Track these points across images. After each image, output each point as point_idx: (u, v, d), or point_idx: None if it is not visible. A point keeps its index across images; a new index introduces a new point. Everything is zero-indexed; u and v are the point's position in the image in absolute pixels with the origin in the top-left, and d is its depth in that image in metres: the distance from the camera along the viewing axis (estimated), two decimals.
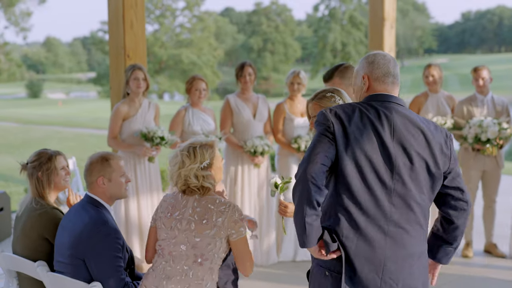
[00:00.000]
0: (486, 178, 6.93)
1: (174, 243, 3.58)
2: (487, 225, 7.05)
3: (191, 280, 3.54)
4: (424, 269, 3.13)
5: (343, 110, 3.06)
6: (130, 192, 6.02)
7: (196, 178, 3.58)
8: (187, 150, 3.60)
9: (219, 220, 3.52)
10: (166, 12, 60.01)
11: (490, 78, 6.89)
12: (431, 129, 3.09)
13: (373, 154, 2.98)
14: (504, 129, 6.50)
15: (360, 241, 2.97)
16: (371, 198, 2.97)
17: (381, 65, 3.15)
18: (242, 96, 6.67)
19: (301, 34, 77.95)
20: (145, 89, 6.10)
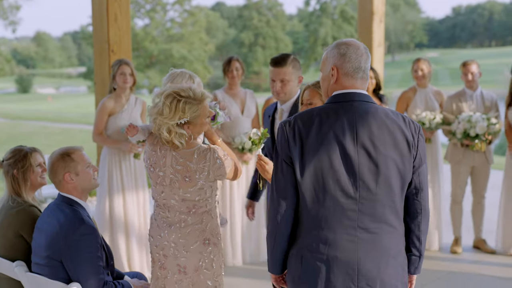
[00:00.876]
0: (475, 174, 6.88)
1: (164, 197, 3.55)
2: (476, 221, 7.00)
3: (190, 225, 3.52)
4: (402, 269, 3.03)
5: (302, 122, 2.94)
6: (115, 188, 5.93)
7: (168, 132, 3.43)
8: (170, 100, 3.41)
9: (202, 175, 3.46)
10: (157, 7, 59.72)
11: (479, 72, 6.83)
12: (399, 125, 2.95)
13: (335, 164, 2.87)
14: (493, 124, 6.45)
15: (331, 252, 2.90)
16: (335, 210, 2.88)
17: (353, 59, 2.97)
18: (229, 91, 6.59)
19: (292, 29, 77.77)
20: (132, 85, 6.00)
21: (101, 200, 5.96)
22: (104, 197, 5.95)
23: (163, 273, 3.62)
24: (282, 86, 4.31)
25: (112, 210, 5.94)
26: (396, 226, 2.98)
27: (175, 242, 3.54)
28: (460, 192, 6.92)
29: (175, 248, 3.54)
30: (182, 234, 3.53)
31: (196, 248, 3.54)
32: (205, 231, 3.56)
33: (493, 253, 6.83)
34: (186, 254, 3.54)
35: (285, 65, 4.31)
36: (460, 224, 6.98)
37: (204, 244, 3.55)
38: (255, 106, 6.71)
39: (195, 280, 3.53)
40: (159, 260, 3.65)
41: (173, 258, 3.55)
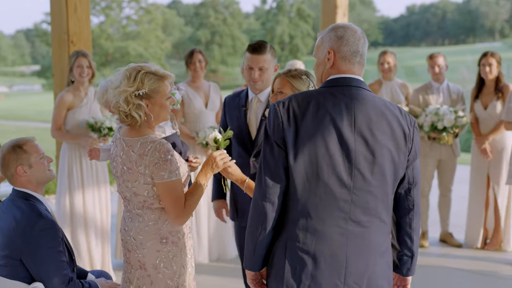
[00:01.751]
0: (442, 167, 6.85)
1: (121, 190, 3.34)
2: (442, 214, 6.97)
3: (146, 222, 3.30)
4: (389, 267, 2.87)
5: (297, 104, 2.77)
6: (76, 185, 5.71)
7: (126, 103, 3.18)
8: (130, 71, 3.21)
9: (140, 168, 3.19)
10: (112, 4, 59.05)
11: (446, 65, 6.80)
12: (397, 116, 2.80)
13: (330, 150, 2.71)
14: (460, 117, 6.42)
15: (319, 246, 2.73)
16: (327, 199, 2.72)
17: (351, 43, 2.83)
18: (193, 84, 6.40)
19: (249, 27, 77.74)
20: (91, 77, 5.78)
21: (61, 196, 5.73)
22: (64, 194, 5.72)
23: (128, 267, 3.45)
24: (260, 74, 4.14)
25: (73, 207, 5.71)
26: (387, 221, 2.83)
27: (135, 237, 3.35)
28: (426, 185, 6.88)
29: (134, 244, 3.35)
30: (140, 229, 3.32)
31: (153, 246, 3.31)
32: (162, 230, 3.31)
33: (460, 246, 6.81)
34: (144, 251, 3.33)
35: (265, 52, 4.12)
36: (426, 218, 6.94)
37: (161, 243, 3.32)
38: (219, 100, 6.54)
39: (155, 278, 3.35)
40: (124, 254, 3.47)
41: (134, 253, 3.36)
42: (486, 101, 6.53)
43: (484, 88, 6.55)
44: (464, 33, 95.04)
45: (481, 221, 6.71)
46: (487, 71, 6.40)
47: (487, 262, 6.33)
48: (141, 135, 3.24)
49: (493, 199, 6.64)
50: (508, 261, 6.33)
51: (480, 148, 6.50)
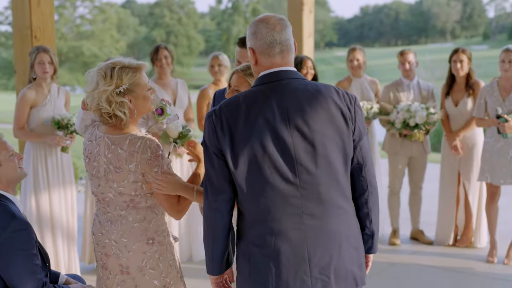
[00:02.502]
0: (413, 164, 6.82)
1: (101, 191, 3.18)
2: (413, 212, 6.94)
3: (131, 223, 3.15)
4: (357, 251, 2.81)
5: (229, 110, 2.71)
6: (41, 185, 5.48)
7: (108, 103, 3.03)
8: (104, 70, 3.04)
9: (131, 166, 3.06)
10: (66, 3, 58.05)
11: (416, 62, 6.77)
12: (333, 98, 2.73)
13: (269, 151, 2.65)
14: (432, 114, 6.40)
15: (278, 245, 2.68)
16: (276, 199, 2.67)
17: (264, 35, 2.73)
18: (159, 81, 6.22)
19: (204, 27, 77.42)
20: (53, 73, 5.55)
21: (27, 197, 5.49)
22: (29, 195, 5.48)
23: (105, 273, 3.28)
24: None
25: (38, 208, 5.47)
26: (345, 206, 2.77)
27: (116, 240, 3.18)
28: (397, 183, 6.84)
29: (116, 247, 3.19)
30: (123, 232, 3.17)
31: (139, 248, 3.15)
32: (148, 230, 3.17)
33: (431, 243, 6.79)
34: (128, 254, 3.17)
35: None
36: (398, 215, 6.90)
37: (148, 244, 3.17)
38: (187, 97, 6.38)
39: (140, 280, 3.19)
40: (101, 259, 3.29)
41: (115, 257, 3.20)
42: (457, 98, 6.52)
43: (454, 85, 6.54)
44: (416, 34, 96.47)
45: (452, 218, 6.70)
46: (458, 68, 6.39)
47: (459, 259, 6.32)
48: (127, 132, 3.11)
49: (464, 196, 6.64)
50: (479, 258, 6.33)
51: (451, 145, 6.49)
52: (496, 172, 6.05)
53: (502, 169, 6.02)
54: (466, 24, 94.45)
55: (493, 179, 6.08)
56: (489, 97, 6.09)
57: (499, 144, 6.03)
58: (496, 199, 6.21)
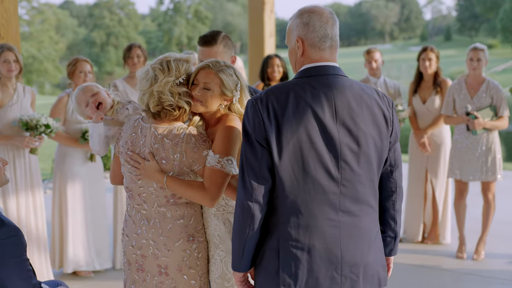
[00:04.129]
0: None
1: (141, 184, 3.13)
2: None
3: (170, 220, 3.11)
4: (381, 252, 2.82)
5: (276, 98, 2.64)
6: (9, 189, 5.25)
7: (171, 94, 3.06)
8: (159, 64, 3.08)
9: (176, 156, 3.06)
10: None
11: (382, 60, 6.82)
12: (376, 99, 2.74)
13: (315, 143, 2.61)
14: (401, 111, 6.44)
15: (312, 241, 2.64)
16: (316, 193, 2.63)
17: (317, 28, 2.70)
18: (131, 81, 6.05)
19: (145, 28, 76.65)
20: (18, 73, 5.35)
21: None
22: None
23: (141, 276, 3.19)
24: None
25: (6, 212, 5.23)
26: (374, 206, 2.79)
27: (155, 240, 3.12)
28: None
29: (155, 247, 3.12)
30: (162, 230, 3.11)
31: (180, 246, 3.12)
32: (188, 227, 3.15)
33: (400, 241, 6.84)
34: (168, 253, 3.11)
35: (215, 43, 3.72)
36: None
37: (189, 241, 3.14)
38: None
39: (178, 281, 3.14)
40: (136, 261, 3.19)
41: (153, 258, 3.14)
42: (424, 96, 6.59)
43: (422, 83, 6.61)
44: (356, 35, 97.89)
45: (420, 215, 6.76)
46: (427, 66, 6.46)
47: (429, 256, 6.38)
48: (172, 122, 3.12)
49: (431, 193, 6.71)
50: (449, 254, 6.40)
51: (419, 142, 6.55)
52: (465, 168, 6.14)
53: (471, 165, 6.11)
54: (404, 26, 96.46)
55: (462, 176, 6.17)
56: (457, 95, 6.18)
57: (468, 141, 6.12)
58: (464, 195, 6.30)
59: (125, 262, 3.28)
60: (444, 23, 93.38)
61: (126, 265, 3.27)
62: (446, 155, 6.52)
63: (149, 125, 3.14)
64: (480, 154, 6.08)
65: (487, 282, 5.69)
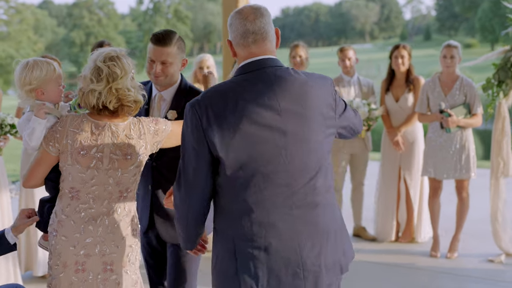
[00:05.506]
0: (355, 161, 6.79)
1: (93, 184, 3.05)
2: (355, 208, 6.92)
3: (119, 216, 3.12)
4: (340, 239, 2.75)
5: (214, 98, 2.63)
6: None
7: (129, 90, 3.05)
8: (110, 60, 3.02)
9: (141, 149, 3.10)
10: None
11: (356, 58, 6.76)
12: (318, 83, 2.71)
13: (260, 138, 2.58)
14: (374, 109, 6.39)
15: (268, 238, 2.60)
16: (267, 189, 2.59)
17: (238, 26, 2.69)
18: None
19: (125, 28, 76.28)
20: None
21: None
22: None
23: (81, 277, 3.09)
24: (163, 69, 3.59)
25: None
26: (327, 196, 2.72)
27: (103, 236, 3.07)
28: (339, 180, 6.80)
29: (102, 244, 3.07)
30: (111, 227, 3.08)
31: (126, 241, 3.13)
32: (133, 221, 3.18)
33: (374, 240, 6.79)
34: (117, 249, 3.09)
35: (170, 44, 3.57)
36: None
37: (133, 236, 3.16)
38: None
39: (122, 276, 3.11)
40: (76, 262, 3.09)
41: (99, 256, 3.08)
42: (397, 94, 6.53)
43: (394, 81, 6.56)
44: (336, 35, 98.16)
45: (393, 214, 6.71)
46: (400, 63, 6.41)
47: (402, 255, 6.34)
48: (127, 119, 3.13)
49: (405, 192, 6.66)
50: (422, 253, 6.36)
51: (392, 140, 6.50)
52: (439, 166, 6.10)
53: (445, 163, 6.07)
54: (384, 26, 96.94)
55: (436, 174, 6.13)
56: (431, 92, 6.13)
57: (442, 138, 6.08)
58: (439, 193, 6.26)
59: (57, 265, 3.12)
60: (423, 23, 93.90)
61: (59, 267, 3.11)
62: (420, 153, 6.47)
63: (105, 123, 3.06)
64: (454, 152, 6.04)
65: (461, 280, 5.65)
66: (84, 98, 3.04)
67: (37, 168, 3.13)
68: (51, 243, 3.14)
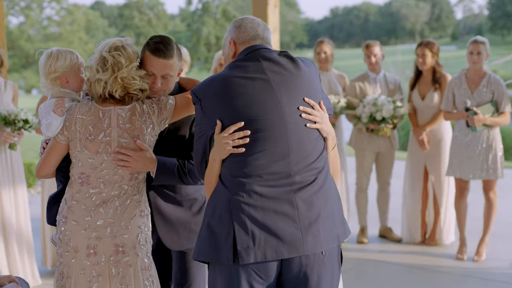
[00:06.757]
0: (381, 160, 6.64)
1: (103, 168, 3.12)
2: (381, 209, 6.77)
3: (129, 196, 3.17)
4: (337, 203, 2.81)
5: (213, 85, 2.75)
6: None
7: (134, 79, 3.09)
8: (115, 50, 3.07)
9: (148, 130, 3.13)
10: (32, 4, 57.14)
11: (382, 55, 6.61)
12: (310, 68, 2.85)
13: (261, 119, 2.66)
14: (399, 107, 6.23)
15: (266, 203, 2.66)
16: (264, 158, 2.67)
17: (249, 29, 2.85)
18: None
19: (174, 28, 76.97)
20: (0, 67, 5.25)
21: None
22: None
23: (93, 260, 3.12)
24: (164, 83, 3.21)
25: None
26: (319, 166, 2.78)
27: (114, 218, 3.12)
28: (365, 179, 6.67)
29: (113, 226, 3.11)
30: (121, 208, 3.13)
31: (135, 222, 3.16)
32: (141, 202, 3.21)
33: (400, 241, 6.63)
34: (127, 230, 3.13)
35: (172, 55, 3.18)
36: (365, 213, 6.73)
37: (141, 216, 3.20)
38: None
39: (133, 259, 3.15)
40: (88, 246, 3.13)
41: (111, 238, 3.12)
42: (423, 91, 6.36)
43: (421, 78, 6.39)
44: (386, 35, 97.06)
45: (419, 215, 6.53)
46: (420, 62, 6.24)
47: (428, 257, 6.17)
48: (133, 101, 3.15)
49: (432, 192, 6.48)
50: (449, 255, 6.18)
51: (418, 139, 6.32)
52: (465, 166, 5.90)
53: (471, 163, 5.87)
54: (435, 25, 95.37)
55: (462, 174, 5.93)
56: (457, 90, 5.95)
57: (468, 138, 5.89)
58: (465, 194, 6.06)
59: (67, 252, 3.16)
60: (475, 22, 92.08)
61: (70, 253, 3.15)
62: (446, 152, 6.28)
63: (111, 108, 3.12)
64: (480, 152, 5.84)
65: (484, 285, 5.46)
66: (91, 88, 3.13)
67: (48, 157, 3.22)
68: (60, 230, 3.19)
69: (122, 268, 3.13)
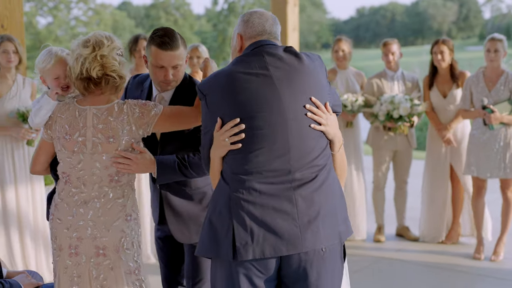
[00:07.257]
0: (398, 158, 6.61)
1: (82, 167, 3.09)
2: (399, 208, 6.73)
3: (111, 199, 3.12)
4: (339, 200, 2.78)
5: (217, 82, 2.75)
6: (8, 180, 5.24)
7: (115, 60, 3.05)
8: (100, 34, 3.07)
9: (124, 131, 3.06)
10: (60, 5, 57.78)
11: (400, 53, 6.57)
12: (314, 63, 2.81)
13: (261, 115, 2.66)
14: (416, 105, 6.18)
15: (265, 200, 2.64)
16: (263, 154, 2.66)
17: (256, 24, 2.84)
18: (136, 73, 5.99)
19: (200, 29, 77.23)
20: (18, 63, 5.32)
21: None
22: None
23: (75, 260, 3.13)
24: (175, 73, 3.31)
25: (5, 205, 5.23)
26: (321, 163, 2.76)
27: (94, 220, 3.09)
28: (382, 178, 6.64)
29: (93, 227, 3.09)
30: (102, 210, 3.09)
31: (118, 226, 3.11)
32: (127, 206, 3.15)
33: (417, 240, 6.58)
34: (108, 233, 3.09)
35: (178, 46, 3.27)
36: (382, 212, 6.70)
37: (126, 220, 3.14)
38: None
39: (116, 262, 3.11)
40: (70, 245, 3.13)
41: (91, 239, 3.10)
42: (444, 90, 6.30)
43: (438, 76, 6.33)
44: (412, 35, 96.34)
45: (441, 214, 6.47)
46: (439, 59, 6.19)
47: (445, 256, 6.13)
48: (113, 101, 3.11)
49: (450, 191, 6.43)
50: (466, 254, 6.12)
51: (444, 138, 6.25)
52: (482, 165, 5.85)
53: (489, 162, 5.81)
54: (462, 25, 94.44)
55: (479, 173, 5.88)
56: (475, 88, 5.89)
57: (485, 136, 5.83)
58: (483, 193, 6.00)
59: (55, 249, 3.18)
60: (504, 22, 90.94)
61: (56, 251, 3.18)
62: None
63: (87, 107, 3.09)
64: (498, 150, 5.78)
65: (502, 285, 5.41)
66: (72, 72, 3.08)
67: (37, 155, 3.27)
68: (50, 227, 3.21)
69: (103, 271, 3.11)
